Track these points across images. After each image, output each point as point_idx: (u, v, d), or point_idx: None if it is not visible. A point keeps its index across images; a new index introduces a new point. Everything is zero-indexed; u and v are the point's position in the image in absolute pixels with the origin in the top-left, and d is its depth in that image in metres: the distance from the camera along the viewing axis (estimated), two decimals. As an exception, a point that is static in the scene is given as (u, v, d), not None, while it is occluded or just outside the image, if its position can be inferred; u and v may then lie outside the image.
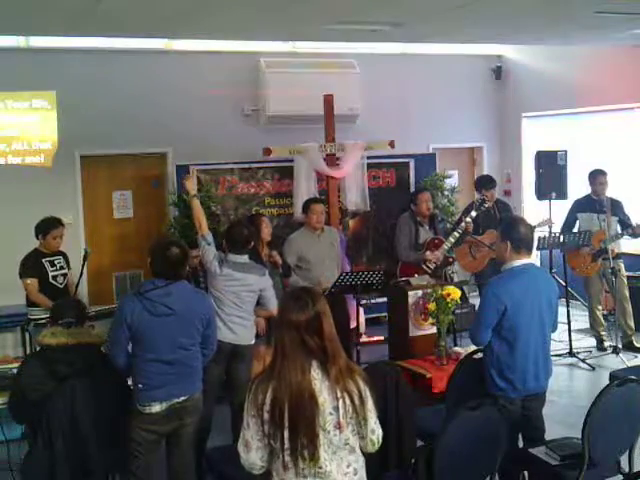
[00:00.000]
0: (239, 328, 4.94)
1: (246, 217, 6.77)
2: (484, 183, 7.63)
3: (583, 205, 7.49)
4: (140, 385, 3.82)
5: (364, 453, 2.72)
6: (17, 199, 7.53)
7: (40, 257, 6.10)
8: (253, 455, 2.61)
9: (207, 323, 3.98)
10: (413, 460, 3.93)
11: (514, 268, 4.02)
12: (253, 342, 5.12)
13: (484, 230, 7.33)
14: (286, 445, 2.53)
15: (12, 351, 7.14)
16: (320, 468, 2.57)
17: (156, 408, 3.81)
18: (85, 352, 4.05)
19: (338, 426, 2.56)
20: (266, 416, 2.56)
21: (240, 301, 4.93)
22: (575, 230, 7.49)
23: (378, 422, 2.69)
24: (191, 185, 5.45)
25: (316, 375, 2.59)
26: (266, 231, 6.02)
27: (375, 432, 2.67)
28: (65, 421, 3.83)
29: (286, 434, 2.53)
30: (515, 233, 4.03)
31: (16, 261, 6.09)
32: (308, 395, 2.54)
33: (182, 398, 3.88)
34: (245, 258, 4.99)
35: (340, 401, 2.57)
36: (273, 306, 5.13)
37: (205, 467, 4.48)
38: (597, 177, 7.38)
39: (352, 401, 2.57)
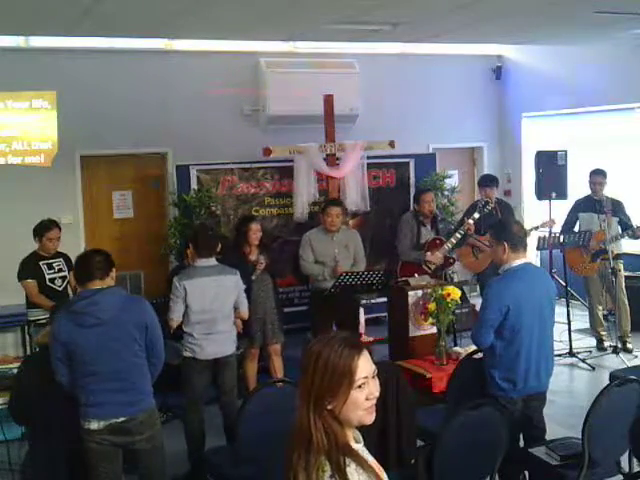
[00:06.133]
0: (222, 339, 4.96)
1: (238, 218, 6.72)
2: (484, 181, 7.65)
3: (584, 205, 7.48)
4: (80, 401, 3.69)
5: None
6: (17, 199, 7.53)
7: (38, 260, 6.10)
8: None
9: (146, 330, 3.76)
10: (413, 460, 3.94)
11: (513, 268, 4.03)
12: (234, 349, 5.14)
13: (486, 231, 7.32)
14: None
15: (12, 351, 7.14)
16: None
17: (94, 425, 3.66)
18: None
19: None
20: None
21: (218, 312, 4.92)
22: (576, 230, 7.50)
23: None
24: None
25: None
26: (254, 236, 5.95)
27: None
28: (65, 421, 3.83)
29: None
30: (509, 233, 4.05)
31: (16, 261, 6.10)
32: None
33: (121, 419, 3.68)
34: (213, 261, 4.98)
35: None
36: (245, 308, 5.16)
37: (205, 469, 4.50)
38: (594, 177, 7.38)
39: None
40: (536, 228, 7.36)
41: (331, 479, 1.93)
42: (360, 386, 2.00)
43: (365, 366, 2.02)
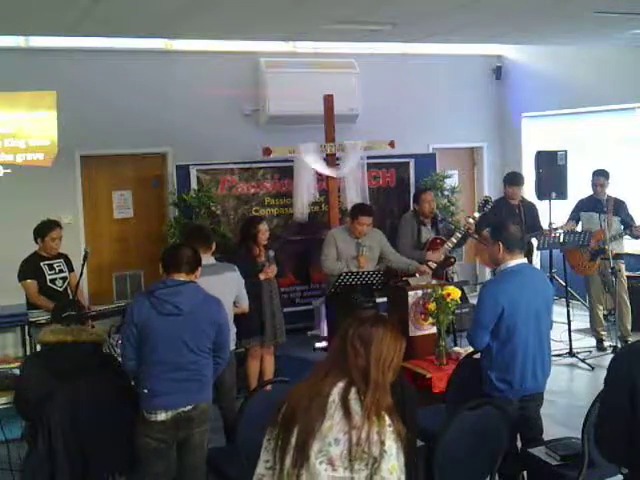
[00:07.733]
0: None
1: (244, 220, 6.73)
2: (506, 179, 7.67)
3: (586, 204, 7.50)
4: (145, 390, 3.75)
5: None
6: (17, 199, 7.53)
7: (39, 260, 6.10)
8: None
9: (219, 329, 3.89)
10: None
11: (508, 269, 4.02)
12: (234, 346, 5.16)
13: None
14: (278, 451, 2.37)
15: (12, 351, 7.14)
16: None
17: (162, 416, 3.72)
18: (84, 351, 4.05)
19: (330, 462, 2.29)
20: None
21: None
22: (579, 229, 7.50)
23: None
24: None
25: (337, 397, 2.36)
26: (263, 237, 6.01)
27: None
28: (65, 421, 3.83)
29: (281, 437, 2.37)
30: (505, 234, 4.03)
31: (16, 261, 6.10)
32: (317, 405, 2.34)
33: (188, 407, 3.77)
34: (212, 259, 4.99)
35: (346, 436, 2.30)
36: (246, 302, 5.21)
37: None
38: (597, 177, 7.38)
39: (365, 449, 2.30)
40: (555, 230, 7.37)
41: (389, 427, 2.36)
42: None
43: None
